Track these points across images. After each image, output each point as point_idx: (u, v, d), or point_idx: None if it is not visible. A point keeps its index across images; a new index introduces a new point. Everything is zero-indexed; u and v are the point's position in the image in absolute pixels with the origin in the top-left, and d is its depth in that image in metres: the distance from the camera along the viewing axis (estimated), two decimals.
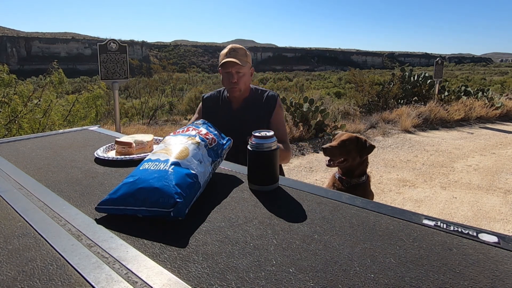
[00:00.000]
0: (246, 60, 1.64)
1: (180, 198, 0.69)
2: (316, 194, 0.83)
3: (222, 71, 1.65)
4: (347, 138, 1.86)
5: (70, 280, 0.50)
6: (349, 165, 1.85)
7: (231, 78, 1.60)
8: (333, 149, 1.83)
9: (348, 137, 1.87)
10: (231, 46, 1.65)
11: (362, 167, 1.89)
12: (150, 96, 11.32)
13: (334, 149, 1.83)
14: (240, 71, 1.61)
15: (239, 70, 1.60)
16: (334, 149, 1.83)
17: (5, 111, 4.67)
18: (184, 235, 0.64)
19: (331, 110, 7.45)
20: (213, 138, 0.95)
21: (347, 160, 1.84)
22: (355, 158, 1.84)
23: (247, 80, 1.66)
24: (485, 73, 64.65)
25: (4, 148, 1.32)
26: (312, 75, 62.96)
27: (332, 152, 1.82)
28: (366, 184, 1.90)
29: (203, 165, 0.84)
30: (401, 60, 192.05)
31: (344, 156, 1.83)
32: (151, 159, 0.81)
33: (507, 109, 8.69)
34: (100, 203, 0.72)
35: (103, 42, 4.61)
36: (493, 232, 0.63)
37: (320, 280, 0.50)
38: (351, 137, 1.88)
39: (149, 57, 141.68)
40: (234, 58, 1.59)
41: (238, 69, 1.60)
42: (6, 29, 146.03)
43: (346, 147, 1.83)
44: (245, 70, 1.63)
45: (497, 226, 3.09)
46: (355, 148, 1.84)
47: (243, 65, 1.61)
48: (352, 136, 1.88)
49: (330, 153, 1.83)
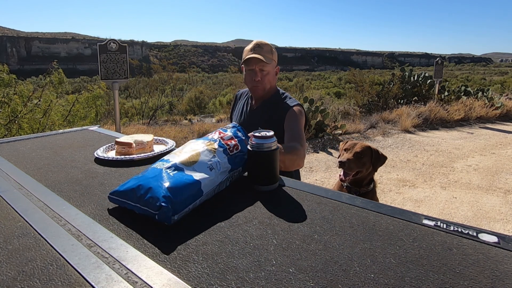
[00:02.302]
0: (271, 57, 1.52)
1: (166, 203, 0.66)
2: (316, 194, 0.83)
3: (245, 68, 1.54)
4: (361, 150, 1.75)
5: (70, 280, 0.50)
6: (361, 176, 1.77)
7: (254, 76, 1.50)
8: (351, 162, 1.72)
9: (361, 148, 1.76)
10: (256, 41, 1.52)
11: (371, 175, 1.82)
12: (150, 96, 11.32)
13: (352, 162, 1.72)
14: (264, 69, 1.50)
15: (263, 67, 1.49)
16: (352, 162, 1.72)
17: (5, 111, 4.67)
18: (184, 235, 0.64)
19: (331, 110, 7.45)
20: (235, 145, 0.88)
21: (361, 171, 1.75)
22: (368, 169, 1.76)
23: (271, 79, 1.55)
24: (485, 73, 64.64)
25: (4, 148, 1.32)
26: (312, 75, 62.98)
27: (350, 165, 1.71)
28: (373, 192, 1.83)
29: (213, 172, 0.80)
30: (401, 60, 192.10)
31: (359, 168, 1.74)
32: (164, 159, 0.81)
33: (507, 109, 8.69)
34: (111, 193, 0.75)
35: (103, 42, 4.61)
36: (493, 232, 0.63)
37: (320, 280, 0.50)
38: (365, 147, 1.77)
39: (149, 57, 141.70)
40: (259, 55, 1.46)
41: (262, 67, 1.49)
42: (6, 29, 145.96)
43: (361, 159, 1.74)
44: (270, 68, 1.52)
45: (497, 226, 3.09)
46: (369, 160, 1.76)
47: (268, 62, 1.48)
48: (365, 147, 1.78)
49: (348, 167, 1.71)
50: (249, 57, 1.48)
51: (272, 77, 1.55)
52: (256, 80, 1.50)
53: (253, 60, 1.48)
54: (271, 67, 1.53)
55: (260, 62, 1.47)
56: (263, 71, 1.50)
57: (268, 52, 1.51)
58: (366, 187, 1.80)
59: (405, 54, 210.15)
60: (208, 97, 18.79)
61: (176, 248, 0.59)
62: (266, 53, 1.49)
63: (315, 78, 50.25)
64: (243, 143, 0.91)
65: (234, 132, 0.93)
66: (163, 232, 0.65)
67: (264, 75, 1.51)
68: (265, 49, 1.50)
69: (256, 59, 1.47)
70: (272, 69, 1.55)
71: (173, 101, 13.33)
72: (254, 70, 1.50)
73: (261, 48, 1.49)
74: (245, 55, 1.52)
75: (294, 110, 1.51)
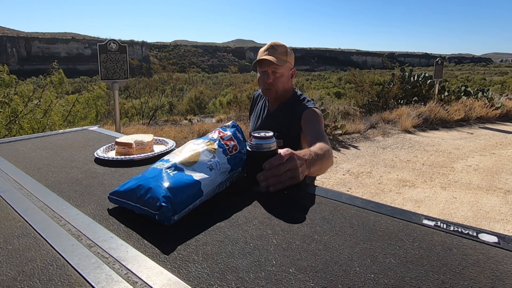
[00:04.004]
0: (286, 59, 1.47)
1: (166, 203, 0.66)
2: (316, 194, 0.83)
3: (258, 69, 1.51)
4: None
5: (70, 280, 0.50)
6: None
7: (267, 78, 1.47)
8: None
9: None
10: (271, 42, 1.49)
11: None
12: (150, 96, 11.33)
13: None
14: (277, 71, 1.46)
15: (276, 70, 1.46)
16: None
17: (5, 111, 4.67)
18: (184, 235, 0.64)
19: (331, 110, 7.45)
20: (234, 145, 0.88)
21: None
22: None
23: (285, 81, 1.50)
24: (485, 73, 64.64)
25: (4, 148, 1.32)
26: (312, 75, 62.98)
27: None
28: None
29: (213, 173, 0.79)
30: (401, 60, 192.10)
31: None
32: (164, 159, 0.81)
33: (507, 109, 8.69)
34: (111, 193, 0.75)
35: (103, 42, 4.62)
36: (493, 232, 0.63)
37: (320, 280, 0.50)
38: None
39: (149, 57, 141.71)
40: (272, 56, 1.43)
41: (275, 69, 1.45)
42: (6, 29, 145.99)
43: None
44: (283, 71, 1.47)
45: (497, 226, 3.09)
46: None
47: (281, 64, 1.44)
48: None
49: None
50: (261, 58, 1.44)
51: (286, 79, 1.51)
52: (268, 82, 1.47)
53: (265, 61, 1.44)
54: (285, 69, 1.48)
55: (273, 64, 1.44)
56: (276, 73, 1.47)
57: (283, 54, 1.46)
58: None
59: (405, 54, 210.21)
60: (208, 97, 18.81)
61: (176, 248, 0.59)
62: (280, 54, 1.46)
63: (315, 78, 50.27)
64: (241, 144, 0.92)
65: (233, 132, 0.93)
66: (163, 232, 0.65)
67: (276, 78, 1.47)
68: (279, 50, 1.46)
69: (268, 61, 1.43)
70: (287, 71, 1.50)
71: (173, 101, 13.34)
72: (267, 72, 1.47)
73: (275, 49, 1.45)
74: (259, 56, 1.49)
75: (312, 111, 1.46)
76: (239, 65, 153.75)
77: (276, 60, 1.42)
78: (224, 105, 13.96)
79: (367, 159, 5.25)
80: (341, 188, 4.04)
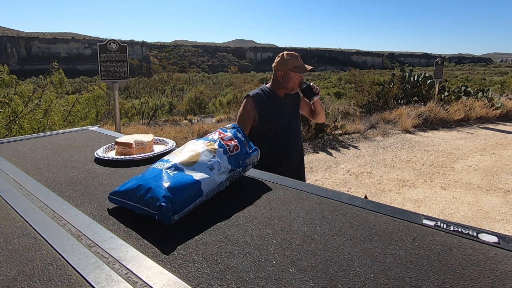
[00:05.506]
0: None
1: (166, 203, 0.66)
2: (316, 194, 0.83)
3: (294, 73, 1.89)
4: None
5: (70, 280, 0.50)
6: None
7: (301, 80, 1.92)
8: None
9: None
10: (296, 53, 1.92)
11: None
12: (150, 96, 11.33)
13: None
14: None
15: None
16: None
17: (5, 111, 4.67)
18: (184, 235, 0.64)
19: (331, 110, 7.45)
20: (235, 145, 0.89)
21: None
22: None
23: None
24: (485, 73, 64.61)
25: (4, 148, 1.32)
26: (312, 75, 62.94)
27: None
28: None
29: (213, 173, 0.80)
30: (401, 60, 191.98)
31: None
32: (164, 159, 0.81)
33: (507, 109, 8.69)
34: (111, 193, 0.75)
35: (103, 42, 4.62)
36: (493, 232, 0.63)
37: (320, 280, 0.50)
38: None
39: (149, 57, 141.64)
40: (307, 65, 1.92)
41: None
42: (6, 29, 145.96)
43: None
44: None
45: (497, 226, 3.09)
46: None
47: None
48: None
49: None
50: (308, 68, 1.90)
51: None
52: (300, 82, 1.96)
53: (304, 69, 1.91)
54: None
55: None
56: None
57: None
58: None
59: (405, 54, 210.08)
60: (208, 97, 18.80)
61: (176, 248, 0.59)
62: None
63: (315, 78, 50.25)
64: (243, 144, 0.92)
65: (234, 133, 0.93)
66: (163, 232, 0.65)
67: None
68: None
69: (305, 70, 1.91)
70: None
71: (173, 101, 13.34)
72: (301, 76, 1.93)
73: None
74: (296, 62, 1.88)
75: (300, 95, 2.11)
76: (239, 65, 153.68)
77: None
78: (224, 105, 13.96)
79: (367, 159, 5.25)
80: (341, 188, 4.04)
